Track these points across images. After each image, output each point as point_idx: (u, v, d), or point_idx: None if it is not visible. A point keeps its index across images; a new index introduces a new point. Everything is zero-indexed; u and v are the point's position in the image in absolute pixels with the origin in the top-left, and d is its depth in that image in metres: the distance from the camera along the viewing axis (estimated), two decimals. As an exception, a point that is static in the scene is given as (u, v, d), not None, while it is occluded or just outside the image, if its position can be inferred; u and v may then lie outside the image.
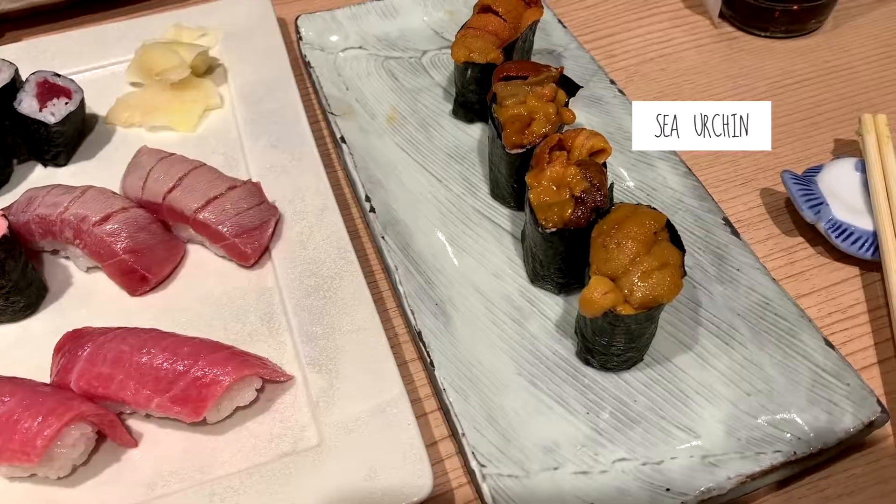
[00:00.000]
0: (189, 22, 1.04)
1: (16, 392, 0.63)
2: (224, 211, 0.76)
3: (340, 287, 0.74)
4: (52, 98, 0.88)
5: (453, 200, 0.84)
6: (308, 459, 0.63)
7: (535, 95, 0.77)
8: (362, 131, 0.91)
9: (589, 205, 0.68)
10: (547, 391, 0.68)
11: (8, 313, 0.75)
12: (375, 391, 0.66)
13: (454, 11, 1.07)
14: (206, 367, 0.63)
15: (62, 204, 0.77)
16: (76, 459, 0.64)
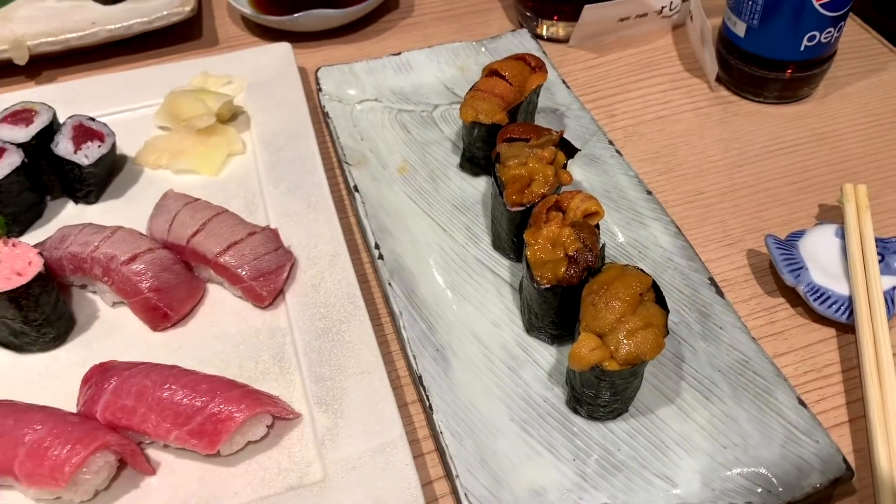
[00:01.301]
0: (215, 69, 1.10)
1: (46, 421, 0.68)
2: (243, 255, 0.82)
3: (348, 330, 0.79)
4: (87, 141, 0.94)
5: (457, 250, 0.89)
6: (313, 493, 0.68)
7: (536, 157, 0.83)
8: (374, 180, 0.97)
9: (581, 264, 0.73)
10: (537, 437, 0.73)
11: (39, 344, 0.81)
12: (377, 432, 0.71)
13: (465, 68, 1.13)
14: (222, 404, 0.69)
15: (93, 243, 0.83)
16: (99, 485, 0.69)
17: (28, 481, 0.66)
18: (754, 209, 0.95)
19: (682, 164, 1.01)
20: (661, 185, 0.98)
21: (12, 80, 1.19)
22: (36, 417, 0.68)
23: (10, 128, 0.93)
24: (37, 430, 0.67)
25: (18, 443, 0.66)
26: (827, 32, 0.99)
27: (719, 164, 1.01)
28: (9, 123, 0.94)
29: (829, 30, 0.99)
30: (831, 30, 0.99)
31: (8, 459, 0.66)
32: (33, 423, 0.68)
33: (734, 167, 1.00)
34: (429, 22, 1.28)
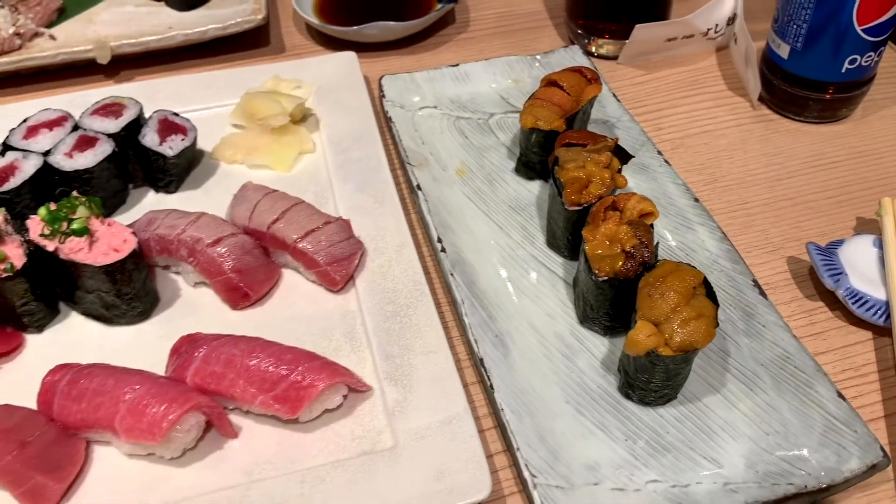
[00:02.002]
0: (286, 74, 1.18)
1: (144, 382, 0.74)
2: (319, 242, 0.88)
3: (415, 314, 0.85)
4: (171, 134, 1.01)
5: (513, 247, 0.95)
6: (384, 458, 0.74)
7: (593, 161, 0.89)
8: (435, 181, 1.03)
9: (637, 259, 0.79)
10: (591, 418, 0.78)
11: (127, 317, 0.88)
12: (443, 406, 0.77)
13: (519, 80, 1.20)
14: (305, 373, 0.75)
15: (179, 226, 0.90)
16: (187, 444, 0.75)
17: (127, 435, 0.72)
18: (794, 220, 1.00)
19: (725, 176, 1.06)
20: (706, 194, 1.03)
21: (92, 79, 1.27)
22: (134, 378, 0.75)
23: (102, 119, 1.01)
24: (136, 389, 0.73)
25: (119, 400, 0.73)
26: (867, 56, 1.05)
27: (761, 177, 1.06)
28: (100, 115, 1.02)
29: (869, 54, 1.05)
30: (872, 54, 1.05)
31: (110, 415, 0.73)
32: (132, 384, 0.74)
33: (775, 180, 1.06)
34: (483, 37, 1.35)
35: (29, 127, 1.00)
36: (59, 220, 0.84)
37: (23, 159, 0.96)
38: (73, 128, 1.00)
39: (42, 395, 0.77)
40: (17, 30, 1.24)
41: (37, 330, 0.88)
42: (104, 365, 0.78)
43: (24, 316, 0.86)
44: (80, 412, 0.74)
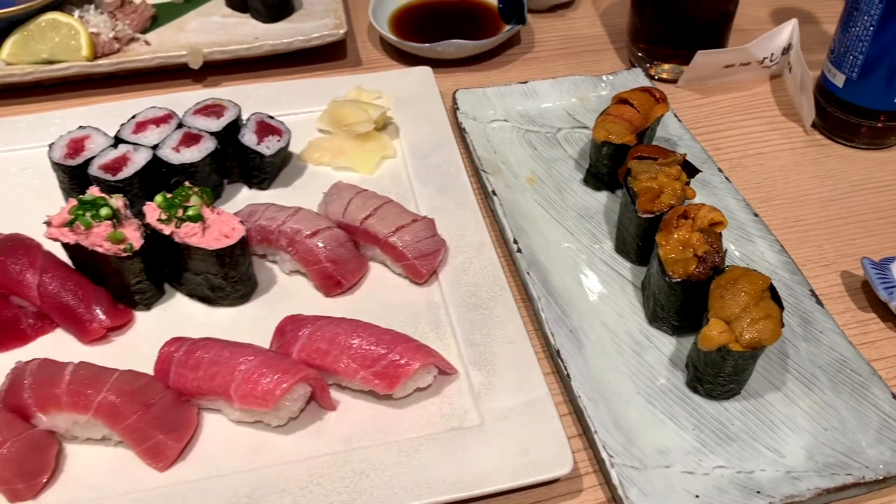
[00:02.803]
0: (367, 85, 1.26)
1: (257, 354, 0.82)
2: (408, 238, 0.96)
3: (495, 307, 0.92)
4: (268, 135, 1.10)
5: (583, 251, 1.02)
6: (472, 434, 0.81)
7: (665, 174, 0.96)
8: (508, 188, 1.10)
9: (709, 263, 0.86)
10: (661, 409, 0.85)
11: (230, 299, 0.95)
12: (525, 389, 0.84)
13: (584, 99, 1.27)
14: (402, 353, 0.82)
15: (279, 219, 0.98)
16: (293, 413, 0.82)
17: (241, 402, 0.79)
18: (847, 237, 1.06)
19: (781, 195, 1.13)
20: (762, 210, 1.09)
21: (182, 82, 1.36)
22: (248, 350, 0.82)
23: (204, 118, 1.10)
24: (250, 360, 0.81)
25: (235, 369, 0.80)
26: (919, 87, 1.11)
27: (814, 197, 1.13)
28: (202, 115, 1.10)
29: (921, 85, 1.11)
30: (923, 86, 1.12)
31: (225, 383, 0.80)
32: (247, 355, 0.81)
33: (828, 201, 1.12)
34: (547, 57, 1.43)
35: (138, 122, 1.09)
36: (174, 206, 0.92)
37: (134, 152, 1.04)
38: (177, 125, 1.09)
39: (159, 363, 0.85)
40: (115, 34, 1.34)
41: (145, 308, 0.96)
42: (217, 338, 0.86)
43: (136, 294, 0.94)
44: (196, 380, 0.82)
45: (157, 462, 0.79)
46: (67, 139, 1.05)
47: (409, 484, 0.76)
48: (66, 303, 0.91)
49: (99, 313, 0.91)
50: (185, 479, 0.78)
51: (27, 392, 0.79)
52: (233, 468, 0.79)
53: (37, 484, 0.77)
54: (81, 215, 0.90)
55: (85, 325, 0.91)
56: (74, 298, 0.91)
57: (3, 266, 0.92)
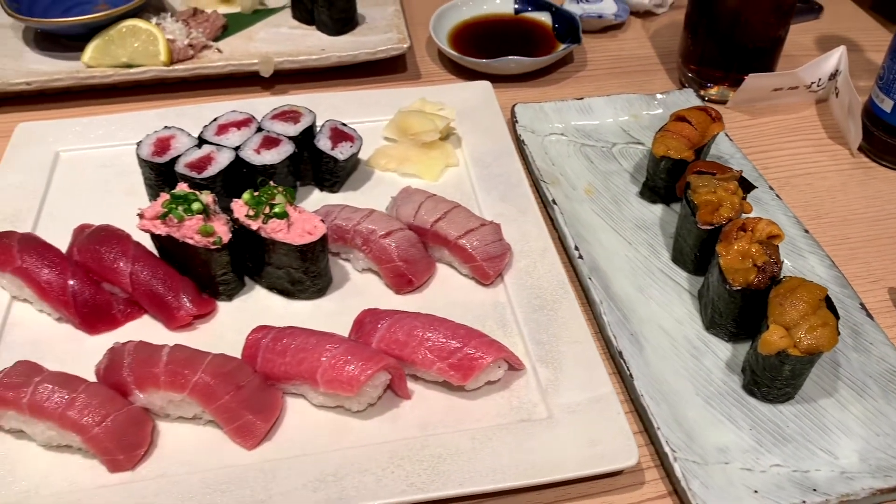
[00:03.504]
0: (430, 97, 1.32)
1: (341, 342, 0.87)
2: (477, 240, 1.01)
3: (560, 309, 0.97)
4: (341, 141, 1.16)
5: (641, 260, 1.07)
6: (541, 426, 0.86)
7: (723, 188, 1.01)
8: (567, 197, 1.16)
9: (768, 273, 0.90)
10: (719, 409, 0.89)
11: (308, 293, 1.01)
12: (591, 386, 0.89)
13: (637, 116, 1.33)
14: (477, 347, 0.87)
15: (355, 219, 1.04)
16: (372, 399, 0.88)
17: (326, 386, 0.85)
18: (895, 255, 1.11)
19: (829, 214, 1.17)
20: (811, 227, 1.14)
21: (250, 89, 1.42)
22: (333, 339, 0.88)
23: (282, 123, 1.16)
24: (336, 347, 0.86)
25: (321, 356, 0.85)
26: (966, 115, 1.16)
27: (862, 217, 1.17)
28: (280, 120, 1.16)
29: (967, 113, 1.16)
30: (970, 113, 1.16)
31: (312, 368, 0.85)
32: (332, 343, 0.87)
33: (875, 220, 1.17)
34: (600, 76, 1.48)
35: (220, 125, 1.15)
36: (261, 204, 0.98)
37: (217, 152, 1.10)
38: (257, 129, 1.15)
39: (247, 349, 0.90)
40: (190, 41, 1.41)
41: (227, 298, 1.02)
42: (301, 327, 0.91)
43: (221, 285, 1.00)
44: (283, 365, 0.87)
45: (246, 440, 0.84)
46: (154, 138, 1.12)
47: (484, 469, 0.81)
48: (156, 291, 0.97)
49: (186, 302, 0.97)
50: (272, 458, 0.84)
51: (126, 370, 0.85)
52: (316, 449, 0.85)
53: (135, 456, 0.83)
54: (174, 209, 0.96)
55: (173, 313, 0.97)
56: (164, 287, 0.97)
57: (97, 255, 0.99)
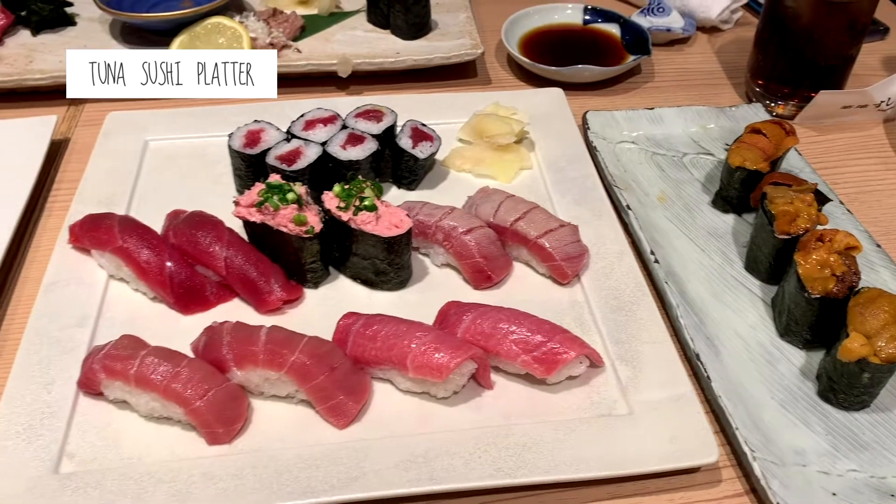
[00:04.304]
0: (504, 102, 1.35)
1: (430, 331, 0.91)
2: (556, 240, 1.04)
3: (638, 310, 1.00)
4: (421, 140, 1.20)
5: (714, 267, 1.10)
6: (622, 421, 0.88)
7: (800, 199, 1.03)
8: (640, 203, 1.18)
9: (846, 283, 0.92)
10: (794, 414, 0.91)
11: (390, 284, 1.05)
12: (670, 385, 0.91)
13: (707, 128, 1.35)
14: (561, 342, 0.90)
15: (436, 215, 1.07)
16: (457, 387, 0.91)
17: (416, 372, 0.88)
18: (965, 274, 1.12)
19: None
20: (882, 243, 1.15)
21: (325, 89, 1.47)
22: (422, 328, 0.91)
23: (365, 122, 1.20)
24: (425, 335, 0.89)
25: (411, 342, 0.89)
26: None
27: (932, 235, 1.19)
28: (363, 118, 1.21)
29: None
30: None
31: (403, 354, 0.89)
32: (422, 331, 0.90)
33: (946, 239, 1.18)
34: (667, 87, 1.51)
35: (307, 121, 1.19)
36: (351, 196, 1.02)
37: (305, 146, 1.15)
38: (341, 126, 1.20)
39: (338, 334, 0.94)
40: (271, 40, 1.46)
41: (313, 286, 1.06)
42: (389, 315, 0.95)
43: (309, 273, 1.04)
44: (374, 349, 0.90)
45: (338, 420, 0.88)
46: (245, 130, 1.17)
47: (567, 459, 0.84)
48: (249, 275, 1.01)
49: (276, 287, 1.01)
50: (363, 438, 0.87)
51: (226, 348, 0.89)
52: (404, 431, 0.88)
53: (233, 430, 0.87)
54: (271, 198, 1.00)
55: (264, 297, 1.01)
56: (256, 272, 1.01)
57: (193, 239, 1.03)
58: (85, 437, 0.87)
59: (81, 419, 0.89)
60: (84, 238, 1.05)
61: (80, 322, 0.98)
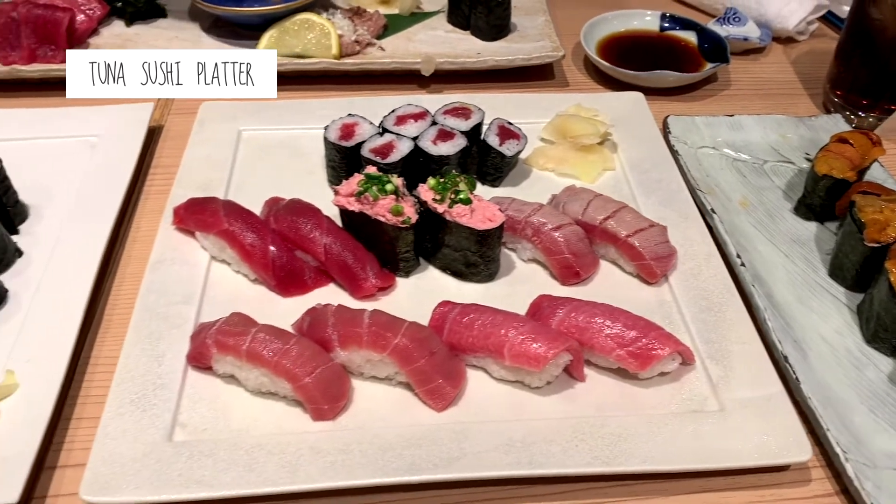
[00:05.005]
0: (585, 104, 1.38)
1: (526, 322, 0.93)
2: (646, 240, 1.06)
3: (727, 311, 1.02)
4: (508, 139, 1.23)
5: (799, 273, 1.11)
6: (713, 417, 0.90)
7: (889, 209, 1.04)
8: (724, 207, 1.20)
9: (941, 291, 0.93)
10: (884, 419, 0.92)
11: (479, 276, 1.07)
12: (761, 384, 0.93)
13: (786, 137, 1.36)
14: (656, 338, 0.92)
15: (525, 211, 1.10)
16: (551, 377, 0.93)
17: (513, 360, 0.91)
18: None
19: (983, 244, 1.19)
20: (967, 256, 1.16)
21: (406, 87, 1.50)
22: (518, 318, 0.94)
23: (454, 118, 1.23)
24: (523, 325, 0.92)
25: (508, 331, 0.92)
26: None
27: None
28: (452, 115, 1.24)
29: None
30: None
31: (500, 343, 0.91)
32: (519, 322, 0.93)
33: None
34: (744, 96, 1.52)
35: (398, 116, 1.23)
36: (446, 189, 1.05)
37: (397, 141, 1.18)
38: (431, 122, 1.23)
39: (434, 321, 0.97)
40: (357, 38, 1.50)
41: (405, 275, 1.09)
42: (484, 305, 0.97)
43: (402, 262, 1.08)
44: (470, 337, 0.93)
45: (437, 403, 0.91)
46: (340, 123, 1.21)
47: (661, 451, 0.86)
48: (346, 262, 1.05)
49: (371, 274, 1.05)
50: (461, 420, 0.90)
51: (330, 329, 0.93)
52: (500, 417, 0.91)
53: (337, 407, 0.90)
54: (370, 188, 1.04)
55: (360, 283, 1.04)
56: (353, 259, 1.05)
57: (294, 225, 1.07)
58: (195, 408, 0.91)
59: (191, 391, 0.93)
60: (189, 220, 1.09)
61: (186, 300, 1.02)
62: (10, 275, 1.07)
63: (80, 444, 0.90)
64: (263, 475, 0.83)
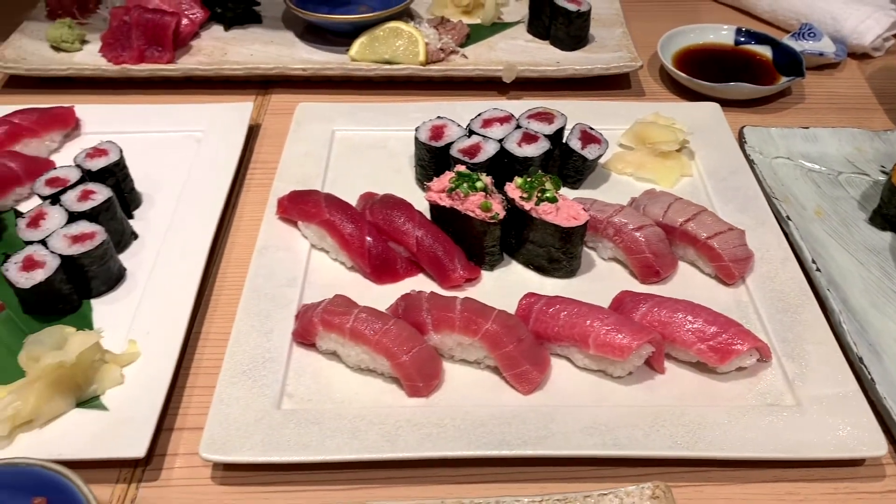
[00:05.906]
0: (663, 113, 1.43)
1: (611, 314, 0.99)
2: (726, 242, 1.10)
3: (803, 313, 1.05)
4: (589, 143, 1.28)
5: (874, 280, 1.14)
6: (789, 411, 0.94)
7: (969, 220, 1.07)
8: (799, 215, 1.23)
9: None
10: (959, 421, 0.95)
11: (561, 271, 1.13)
12: (837, 382, 0.96)
13: (861, 150, 1.39)
14: (736, 334, 0.96)
15: (607, 211, 1.15)
16: (633, 368, 0.98)
17: (598, 349, 0.96)
18: None
19: None
20: None
21: (485, 93, 1.57)
22: (602, 310, 0.99)
23: (538, 122, 1.29)
24: (607, 318, 0.98)
25: (594, 322, 0.97)
26: None
27: None
28: (535, 119, 1.30)
29: None
30: None
31: (585, 333, 0.97)
32: (603, 314, 0.98)
33: None
34: (818, 109, 1.55)
35: (484, 119, 1.30)
36: (532, 188, 1.11)
37: (484, 142, 1.25)
38: (515, 125, 1.29)
39: (521, 311, 1.03)
40: (442, 46, 1.58)
41: (490, 268, 1.15)
42: (568, 297, 1.03)
43: (488, 255, 1.14)
44: (556, 327, 0.99)
45: (523, 386, 0.97)
46: (430, 125, 1.28)
47: (739, 440, 0.90)
48: (437, 254, 1.11)
49: (459, 266, 1.11)
50: (547, 404, 0.96)
51: (425, 313, 1.00)
52: (586, 402, 0.96)
53: (431, 385, 0.97)
54: (461, 185, 1.11)
55: (449, 274, 1.11)
56: (443, 251, 1.12)
57: (389, 217, 1.15)
58: (300, 380, 0.99)
59: (296, 365, 1.01)
60: (292, 210, 1.18)
61: (289, 283, 1.10)
62: (126, 255, 1.17)
63: (195, 409, 0.99)
64: (366, 442, 0.90)
